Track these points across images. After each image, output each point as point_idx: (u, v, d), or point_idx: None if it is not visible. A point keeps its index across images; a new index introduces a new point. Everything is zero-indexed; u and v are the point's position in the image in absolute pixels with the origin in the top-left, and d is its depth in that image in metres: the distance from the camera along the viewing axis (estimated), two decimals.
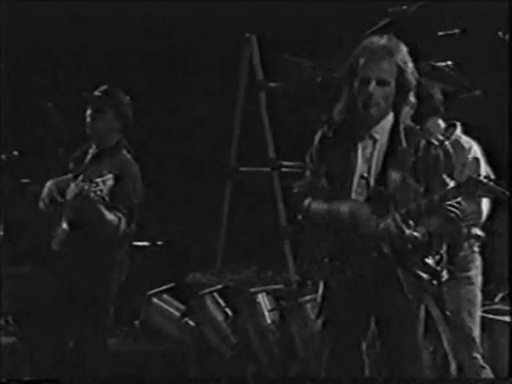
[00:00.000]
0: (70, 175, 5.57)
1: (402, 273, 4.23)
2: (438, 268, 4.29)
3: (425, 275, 4.26)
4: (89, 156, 5.51)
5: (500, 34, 6.07)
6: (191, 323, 6.73)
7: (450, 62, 6.03)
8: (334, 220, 4.28)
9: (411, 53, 6.41)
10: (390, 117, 4.30)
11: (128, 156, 5.46)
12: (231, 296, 6.66)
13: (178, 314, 6.84)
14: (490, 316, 5.51)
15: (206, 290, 6.72)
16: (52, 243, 5.39)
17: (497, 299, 5.91)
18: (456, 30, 6.08)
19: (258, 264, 7.26)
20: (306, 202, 4.40)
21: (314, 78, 6.45)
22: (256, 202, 7.55)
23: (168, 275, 7.19)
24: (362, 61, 4.22)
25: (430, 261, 4.26)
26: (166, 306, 6.94)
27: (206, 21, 7.60)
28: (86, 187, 5.07)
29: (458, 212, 4.22)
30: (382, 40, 4.25)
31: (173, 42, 7.84)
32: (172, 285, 7.01)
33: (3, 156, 5.80)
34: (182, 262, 7.42)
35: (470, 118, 6.07)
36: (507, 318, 5.52)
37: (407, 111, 4.31)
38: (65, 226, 5.33)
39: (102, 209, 5.23)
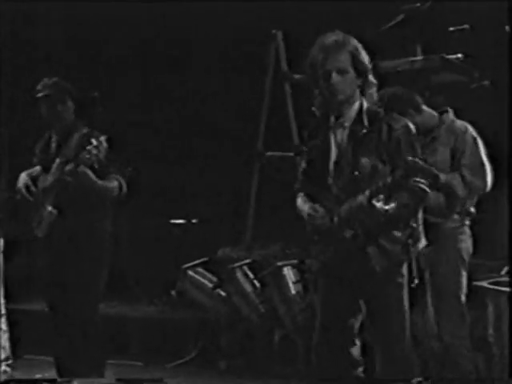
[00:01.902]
0: (37, 168, 5.52)
1: (371, 248, 4.28)
2: (409, 241, 4.32)
3: (393, 248, 4.30)
4: (53, 144, 5.48)
5: (507, 28, 5.99)
6: (223, 294, 6.81)
7: (460, 55, 6.05)
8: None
9: (425, 47, 6.60)
10: (356, 104, 4.39)
11: (88, 129, 5.39)
12: (259, 269, 6.72)
13: (210, 285, 6.92)
14: (496, 287, 5.52)
15: (236, 264, 6.77)
16: (36, 230, 5.35)
17: (503, 272, 5.85)
18: (466, 26, 6.08)
19: (284, 240, 7.25)
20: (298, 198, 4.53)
21: None
22: (281, 183, 7.24)
23: (202, 250, 7.26)
24: (319, 57, 4.34)
25: (398, 234, 4.30)
26: (199, 278, 7.03)
27: (237, 18, 7.62)
28: (83, 155, 5.01)
29: (424, 186, 4.25)
30: (333, 36, 4.38)
31: (207, 37, 7.87)
32: (205, 259, 7.12)
33: None
34: (214, 239, 7.44)
35: (479, 106, 6.24)
36: None
37: (370, 92, 4.40)
38: (50, 209, 5.29)
39: (100, 182, 5.21)
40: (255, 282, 6.70)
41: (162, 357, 6.80)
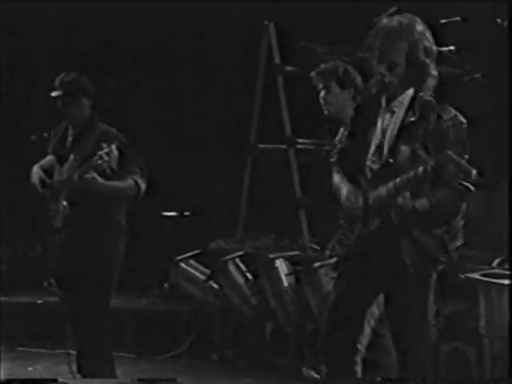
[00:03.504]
0: (51, 157, 5.44)
1: (404, 240, 4.09)
2: (445, 236, 4.11)
3: (430, 242, 4.10)
4: (70, 137, 5.41)
5: (499, 20, 6.02)
6: (215, 286, 6.78)
7: (452, 47, 6.03)
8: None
9: None
10: (410, 91, 4.21)
11: (105, 126, 5.33)
12: (251, 261, 6.69)
13: (203, 277, 6.89)
14: (488, 279, 5.50)
15: (229, 256, 6.75)
16: (53, 221, 5.29)
17: (494, 264, 5.87)
18: (457, 18, 6.07)
19: (276, 232, 7.28)
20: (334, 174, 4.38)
21: (327, 62, 6.51)
22: (273, 175, 7.55)
23: (194, 242, 7.24)
24: (377, 42, 4.16)
25: (436, 231, 4.11)
26: (192, 271, 7.02)
27: (229, 10, 7.57)
28: (95, 159, 4.95)
29: (467, 184, 3.96)
30: (394, 22, 4.18)
31: (199, 29, 7.84)
32: (198, 251, 7.09)
33: (33, 137, 5.82)
34: (206, 231, 7.44)
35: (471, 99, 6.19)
36: (505, 282, 5.45)
37: (428, 84, 4.21)
38: (64, 203, 5.22)
39: (110, 184, 5.12)
40: (247, 274, 6.68)
41: (155, 349, 6.78)
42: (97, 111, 5.40)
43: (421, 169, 4.00)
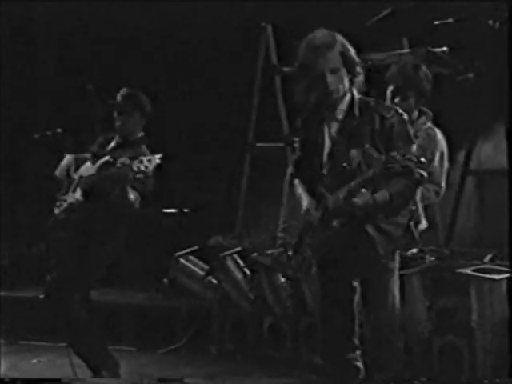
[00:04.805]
0: (88, 154, 5.58)
1: (372, 231, 4.31)
2: (411, 223, 4.36)
3: (398, 232, 4.32)
4: (112, 143, 5.53)
5: (490, 22, 5.96)
6: (214, 281, 6.79)
7: (445, 48, 6.04)
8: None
9: (411, 40, 6.57)
10: (348, 96, 4.42)
11: (147, 151, 5.43)
12: (249, 257, 6.68)
13: (202, 273, 6.92)
14: (480, 274, 5.51)
15: (227, 252, 6.75)
16: (56, 210, 5.38)
17: (486, 259, 5.85)
18: (450, 20, 6.06)
19: (273, 229, 7.06)
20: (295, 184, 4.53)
21: None
22: (271, 173, 7.29)
23: (193, 239, 7.26)
24: (310, 58, 4.35)
25: (401, 219, 4.32)
26: (191, 266, 7.05)
27: (227, 10, 7.59)
28: (128, 162, 5.04)
29: (420, 170, 4.15)
30: (320, 36, 4.38)
31: (197, 30, 7.85)
32: (197, 247, 7.13)
33: (49, 133, 5.87)
34: (205, 227, 7.43)
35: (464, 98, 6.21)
36: (495, 277, 5.51)
37: (358, 81, 4.42)
38: (79, 195, 5.31)
39: (128, 189, 5.21)
40: (245, 269, 6.67)
41: (155, 343, 6.79)
42: (148, 135, 5.53)
43: (371, 172, 4.19)
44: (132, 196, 5.29)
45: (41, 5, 8.13)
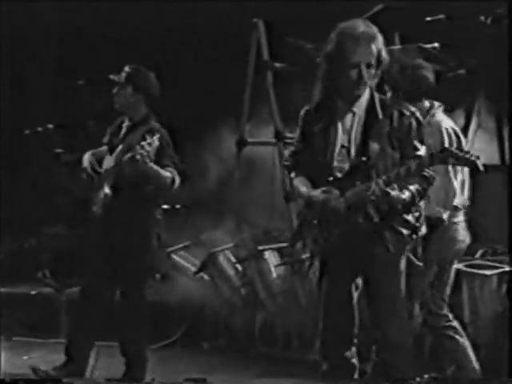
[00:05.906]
0: (105, 147, 5.58)
1: (387, 233, 4.29)
2: (417, 224, 4.36)
3: (405, 231, 4.33)
4: (123, 129, 5.52)
5: (482, 18, 6.01)
6: (206, 277, 6.80)
7: (436, 44, 6.08)
8: (312, 204, 4.35)
9: (402, 36, 6.56)
10: (366, 92, 4.37)
11: (157, 125, 5.46)
12: (241, 253, 6.71)
13: (193, 268, 6.91)
14: (471, 270, 5.59)
15: (219, 248, 6.79)
16: (94, 207, 5.39)
17: (477, 255, 5.93)
18: (441, 16, 6.10)
19: (265, 225, 7.30)
20: (292, 176, 4.49)
21: (314, 59, 6.50)
22: (263, 169, 7.57)
23: (185, 234, 7.26)
24: (349, 47, 4.28)
25: (410, 218, 4.34)
26: (183, 262, 7.06)
27: (219, 6, 7.63)
28: (137, 148, 5.07)
29: (432, 173, 4.31)
30: (362, 26, 4.31)
31: (189, 26, 7.88)
32: (189, 243, 7.13)
33: (40, 128, 5.84)
34: (197, 223, 7.41)
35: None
36: (487, 272, 5.57)
37: (375, 82, 4.38)
38: (107, 190, 5.33)
39: (156, 167, 5.21)
40: (237, 265, 6.68)
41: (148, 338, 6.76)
42: (155, 111, 5.45)
43: (403, 168, 4.21)
44: (167, 173, 5.28)
45: (41, 5, 8.10)
